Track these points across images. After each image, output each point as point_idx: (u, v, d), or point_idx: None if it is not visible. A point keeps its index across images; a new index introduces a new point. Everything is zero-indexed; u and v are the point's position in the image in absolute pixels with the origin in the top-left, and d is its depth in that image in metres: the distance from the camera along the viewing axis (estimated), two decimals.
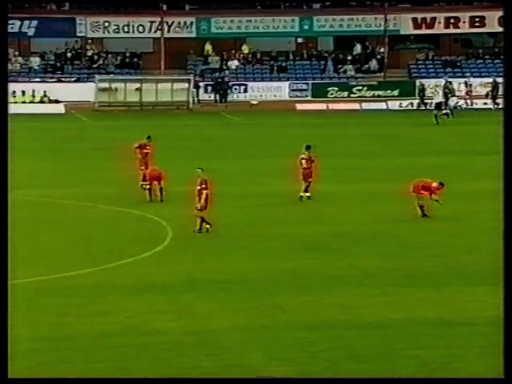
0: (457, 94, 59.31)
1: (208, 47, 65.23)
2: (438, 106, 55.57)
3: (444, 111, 54.84)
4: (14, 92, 58.36)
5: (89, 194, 32.26)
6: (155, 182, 30.95)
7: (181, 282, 22.54)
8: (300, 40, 67.77)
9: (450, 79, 60.66)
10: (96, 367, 17.08)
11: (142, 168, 32.42)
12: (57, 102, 58.26)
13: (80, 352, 17.91)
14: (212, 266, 24.04)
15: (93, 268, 23.62)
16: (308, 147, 31.92)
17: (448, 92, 57.90)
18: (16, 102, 57.79)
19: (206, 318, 20.12)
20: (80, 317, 19.96)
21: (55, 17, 64.60)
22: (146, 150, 33.31)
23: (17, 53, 63.39)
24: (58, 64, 63.89)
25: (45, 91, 59.01)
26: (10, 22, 62.48)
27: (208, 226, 26.95)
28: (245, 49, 66.51)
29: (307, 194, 31.33)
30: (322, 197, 32.00)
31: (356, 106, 61.12)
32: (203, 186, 26.78)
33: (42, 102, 58.57)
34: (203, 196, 26.78)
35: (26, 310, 20.29)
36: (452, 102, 56.71)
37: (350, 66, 66.81)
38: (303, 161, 31.36)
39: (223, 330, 19.19)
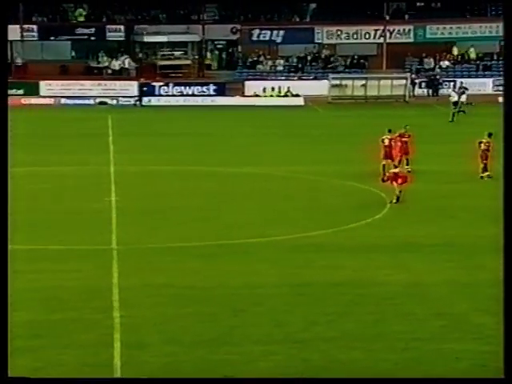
0: None
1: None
2: None
3: None
4: (264, 88, 59.51)
5: (324, 170, 32.41)
6: (388, 160, 30.64)
7: (397, 244, 22.35)
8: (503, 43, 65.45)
9: None
10: (325, 311, 17.17)
11: (401, 154, 31.54)
12: (297, 96, 58.76)
13: (313, 297, 18.10)
14: (423, 231, 23.70)
15: (325, 230, 23.79)
16: (490, 134, 30.93)
17: None
18: (266, 96, 58.94)
19: (419, 273, 19.88)
20: (314, 269, 20.15)
21: (298, 27, 65.26)
22: (405, 138, 32.53)
23: (268, 56, 64.55)
24: (300, 65, 64.54)
25: (288, 87, 59.65)
26: (263, 32, 64.01)
27: (395, 201, 26.65)
28: (454, 51, 64.96)
29: (486, 174, 30.37)
30: None
31: None
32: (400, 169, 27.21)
33: (286, 96, 59.26)
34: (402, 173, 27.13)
35: (270, 263, 20.70)
36: None
37: None
38: (481, 144, 30.63)
39: (433, 284, 18.91)
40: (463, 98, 51.03)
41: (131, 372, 14.09)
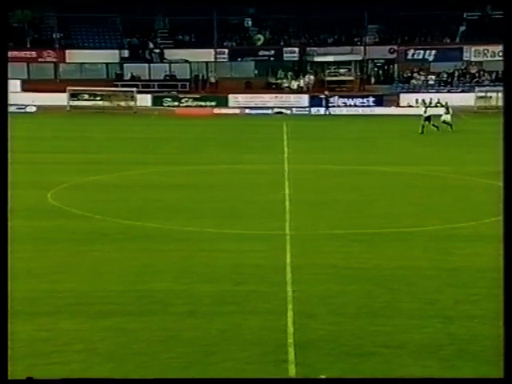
0: None
1: None
2: None
3: None
4: (417, 100, 58.31)
5: (469, 170, 31.40)
6: None
7: None
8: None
9: None
10: (470, 292, 16.54)
11: None
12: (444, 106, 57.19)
13: (459, 280, 17.47)
14: None
15: (470, 222, 23.02)
16: None
17: None
18: (418, 107, 57.62)
19: None
20: (460, 256, 19.51)
21: (448, 47, 63.59)
22: None
23: (421, 73, 63.18)
24: (449, 80, 62.80)
25: (438, 99, 58.14)
26: (417, 51, 62.73)
27: None
28: None
29: None
30: None
31: None
32: None
33: (435, 106, 57.79)
34: None
35: (421, 249, 20.19)
36: None
37: None
38: None
39: None
40: (448, 117, 46.86)
41: (302, 336, 14.14)
